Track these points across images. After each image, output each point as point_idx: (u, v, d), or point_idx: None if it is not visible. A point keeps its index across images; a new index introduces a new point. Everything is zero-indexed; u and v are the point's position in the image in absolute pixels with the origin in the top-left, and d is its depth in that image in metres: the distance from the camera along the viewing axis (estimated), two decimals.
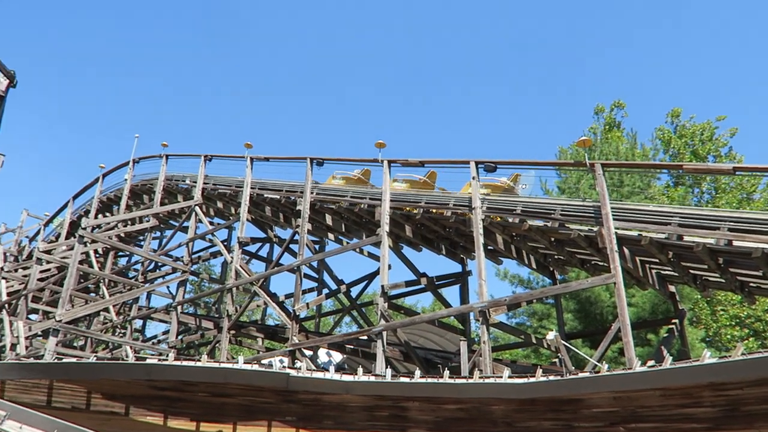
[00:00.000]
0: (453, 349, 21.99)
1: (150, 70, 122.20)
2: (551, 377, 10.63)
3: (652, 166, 26.19)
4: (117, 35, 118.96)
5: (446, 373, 11.84)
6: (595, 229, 14.25)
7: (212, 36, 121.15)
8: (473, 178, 16.19)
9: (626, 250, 14.31)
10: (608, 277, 13.38)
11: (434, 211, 17.75)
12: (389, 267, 17.51)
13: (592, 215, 14.19)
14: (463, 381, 11.32)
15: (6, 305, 27.03)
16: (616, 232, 13.44)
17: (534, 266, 18.78)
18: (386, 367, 14.85)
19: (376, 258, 21.10)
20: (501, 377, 11.19)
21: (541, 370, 11.41)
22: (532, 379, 10.45)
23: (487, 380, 11.37)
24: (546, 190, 29.25)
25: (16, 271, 31.52)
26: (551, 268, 19.30)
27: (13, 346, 24.04)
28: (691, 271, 15.53)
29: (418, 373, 12.04)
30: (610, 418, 10.39)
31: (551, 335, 12.72)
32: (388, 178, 18.16)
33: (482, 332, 14.60)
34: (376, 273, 20.03)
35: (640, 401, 9.84)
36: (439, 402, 11.62)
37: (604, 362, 11.96)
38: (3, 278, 29.32)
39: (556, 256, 18.25)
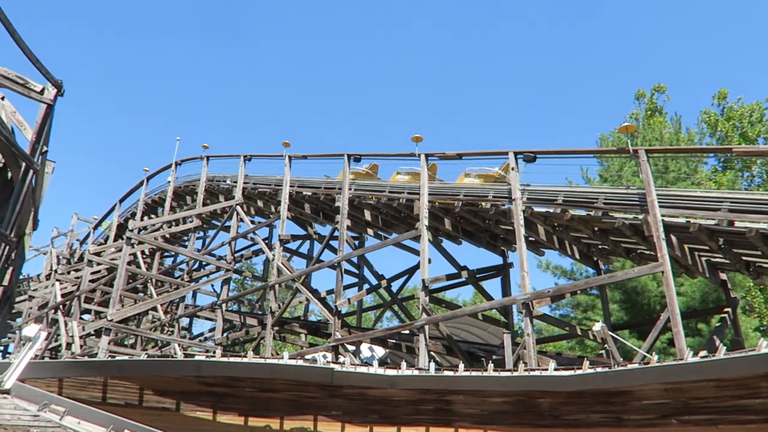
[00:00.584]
0: (496, 342, 21.80)
1: (187, 75, 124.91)
2: (599, 369, 10.43)
3: (699, 150, 25.26)
4: (152, 41, 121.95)
5: (490, 366, 11.75)
6: (640, 217, 13.88)
7: (241, 38, 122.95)
8: (512, 168, 15.97)
9: (674, 238, 13.89)
10: (655, 266, 13.01)
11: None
12: (429, 261, 17.47)
13: (637, 203, 13.82)
14: (508, 374, 11.22)
15: (61, 306, 28.08)
16: (662, 220, 13.05)
17: (577, 257, 18.43)
18: (429, 361, 14.84)
19: (416, 252, 21.07)
20: (547, 369, 11.05)
21: (587, 361, 11.21)
22: (579, 371, 10.27)
23: (532, 373, 11.23)
24: (587, 178, 28.65)
25: (68, 273, 32.73)
26: (595, 258, 18.91)
27: (69, 345, 25.00)
28: (744, 258, 14.96)
29: (462, 366, 11.98)
30: (662, 410, 10.14)
31: (598, 326, 12.48)
32: (426, 172, 18.07)
33: (526, 324, 14.42)
34: (417, 267, 20.02)
35: (693, 393, 9.56)
36: (485, 395, 11.55)
37: (653, 353, 11.66)
38: (57, 280, 30.48)
39: (600, 246, 17.86)
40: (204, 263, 27.05)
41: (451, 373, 11.65)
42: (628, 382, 9.96)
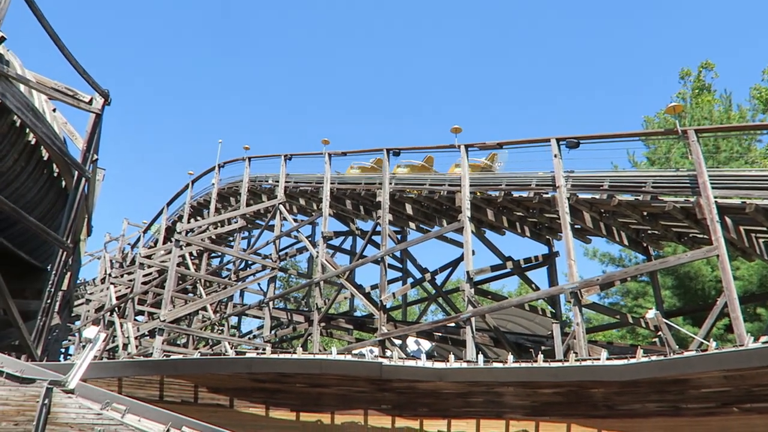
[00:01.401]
0: (544, 332, 21.49)
1: (224, 79, 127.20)
2: (654, 357, 10.15)
3: (751, 127, 24.22)
4: (189, 47, 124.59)
5: (540, 357, 11.59)
6: (692, 199, 13.41)
7: (272, 40, 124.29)
8: (555, 155, 15.66)
9: (728, 220, 13.38)
10: (710, 250, 12.56)
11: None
12: (473, 252, 17.32)
13: (688, 185, 13.35)
14: (559, 364, 11.03)
15: (116, 308, 29.09)
16: (715, 201, 12.58)
17: (626, 243, 17.96)
18: (477, 354, 14.75)
19: (459, 244, 20.93)
20: (599, 359, 10.82)
21: (641, 350, 10.93)
22: (633, 360, 10.03)
23: (584, 363, 11.02)
24: (634, 162, 27.82)
25: (122, 276, 33.86)
26: (645, 244, 18.39)
27: (125, 346, 25.91)
28: None
29: (510, 358, 11.86)
30: (722, 398, 9.81)
31: (651, 313, 12.14)
32: (466, 163, 17.91)
33: (575, 314, 14.15)
34: (460, 259, 19.88)
35: (756, 380, 9.20)
36: (535, 386, 11.40)
37: (711, 340, 11.27)
38: (111, 283, 31.58)
39: (649, 231, 17.36)
40: (250, 262, 27.55)
41: (500, 365, 11.54)
42: (685, 370, 9.66)
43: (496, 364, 11.72)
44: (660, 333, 15.15)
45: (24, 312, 14.33)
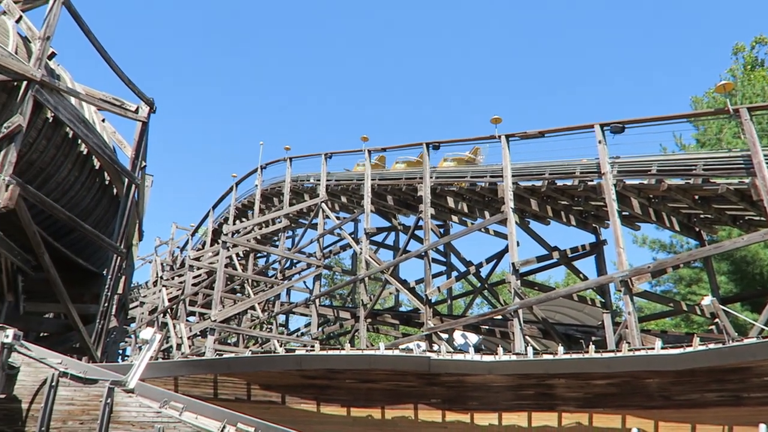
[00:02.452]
0: (593, 323, 21.06)
1: (261, 80, 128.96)
2: (712, 345, 9.81)
3: None
4: (227, 49, 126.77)
5: (592, 347, 11.36)
6: (746, 181, 12.89)
7: (311, 37, 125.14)
8: (599, 141, 15.29)
9: None
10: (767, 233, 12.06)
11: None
12: (518, 243, 17.10)
13: (742, 166, 12.82)
14: (611, 355, 10.79)
15: (169, 310, 29.98)
16: None
17: (677, 228, 17.39)
18: (526, 346, 14.57)
19: (503, 236, 20.70)
20: (653, 348, 10.54)
21: (698, 338, 10.58)
22: (689, 349, 9.73)
23: (637, 353, 10.74)
24: (682, 145, 26.88)
25: (173, 279, 34.86)
26: (697, 229, 17.76)
27: (179, 346, 26.68)
28: None
29: (561, 349, 11.66)
30: None
31: (707, 300, 11.74)
32: (507, 153, 17.67)
33: (626, 303, 13.82)
34: (505, 251, 19.68)
35: None
36: (587, 378, 11.18)
37: None
38: (163, 286, 32.55)
39: (702, 215, 16.77)
40: (295, 261, 27.95)
41: (550, 357, 11.37)
42: (746, 358, 9.31)
43: (546, 356, 11.55)
44: (717, 320, 14.65)
45: (83, 316, 14.93)
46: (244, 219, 33.26)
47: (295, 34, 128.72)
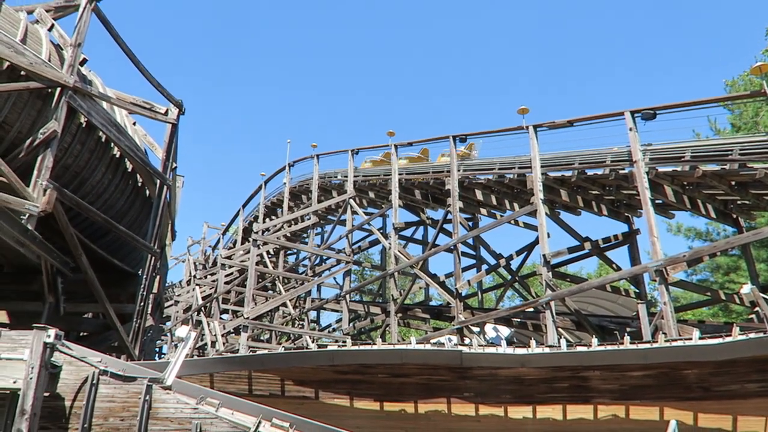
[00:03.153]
0: (627, 313, 20.74)
1: (288, 80, 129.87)
2: (752, 335, 9.56)
3: None
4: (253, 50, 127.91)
5: (627, 338, 11.18)
6: None
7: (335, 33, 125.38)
8: (630, 129, 14.99)
9: None
10: None
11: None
12: (548, 235, 16.90)
13: None
14: (648, 346, 10.59)
15: (202, 308, 30.50)
16: None
17: (713, 215, 16.97)
18: (559, 338, 14.41)
19: (533, 227, 20.48)
20: (690, 339, 10.31)
21: (737, 328, 10.32)
22: (729, 339, 9.49)
23: (674, 343, 10.52)
24: (716, 130, 26.18)
25: (205, 277, 35.44)
26: (734, 215, 17.30)
27: (213, 344, 27.14)
28: None
29: (595, 341, 11.50)
30: None
31: (747, 288, 11.44)
32: (536, 144, 17.46)
33: (661, 293, 13.55)
34: (535, 243, 19.47)
35: None
36: (623, 369, 11.00)
37: None
38: (197, 285, 33.11)
39: (739, 201, 16.32)
40: (325, 257, 28.14)
41: (584, 349, 11.22)
42: None
43: (580, 348, 11.41)
44: (757, 309, 14.26)
45: (121, 315, 15.29)
46: (273, 217, 33.61)
47: (321, 33, 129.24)
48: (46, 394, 7.16)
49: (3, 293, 15.04)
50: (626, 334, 13.37)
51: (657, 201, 15.57)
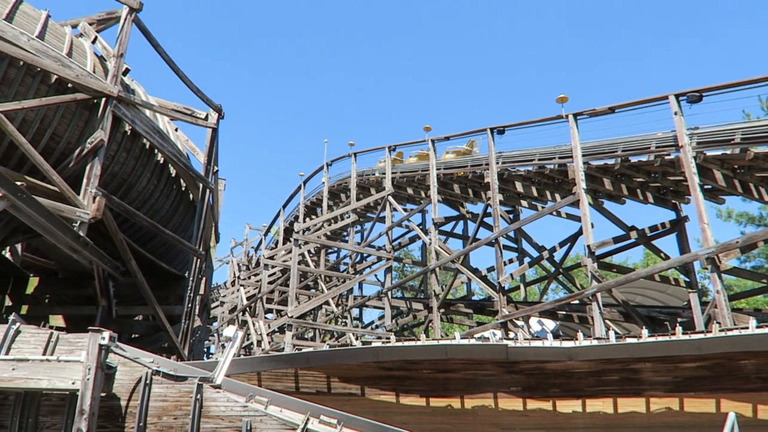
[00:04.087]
0: (677, 303, 20.15)
1: (321, 79, 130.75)
2: None
3: None
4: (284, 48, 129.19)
5: (679, 329, 10.84)
6: None
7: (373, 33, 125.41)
8: (675, 113, 14.52)
9: None
10: None
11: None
12: (592, 225, 16.55)
13: None
14: (702, 336, 10.24)
15: (247, 308, 31.06)
16: None
17: (766, 199, 16.30)
18: (607, 330, 14.10)
19: (576, 218, 20.12)
20: (747, 328, 9.93)
21: None
22: None
23: (730, 333, 10.15)
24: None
25: (249, 278, 36.07)
26: None
27: (259, 343, 27.60)
28: None
29: (645, 332, 11.19)
30: None
31: None
32: (576, 133, 17.10)
33: (713, 281, 13.11)
34: (579, 234, 19.12)
35: None
36: (676, 361, 10.69)
37: None
38: (241, 285, 33.74)
39: None
40: (365, 255, 28.25)
41: (634, 340, 10.92)
42: None
43: (629, 340, 11.11)
44: None
45: (169, 317, 15.68)
46: (313, 216, 33.93)
47: (359, 33, 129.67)
48: (103, 394, 7.39)
49: (59, 298, 15.65)
50: (678, 324, 12.99)
51: (706, 186, 15.06)
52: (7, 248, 15.71)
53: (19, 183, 10.11)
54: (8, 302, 14.83)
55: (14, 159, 12.33)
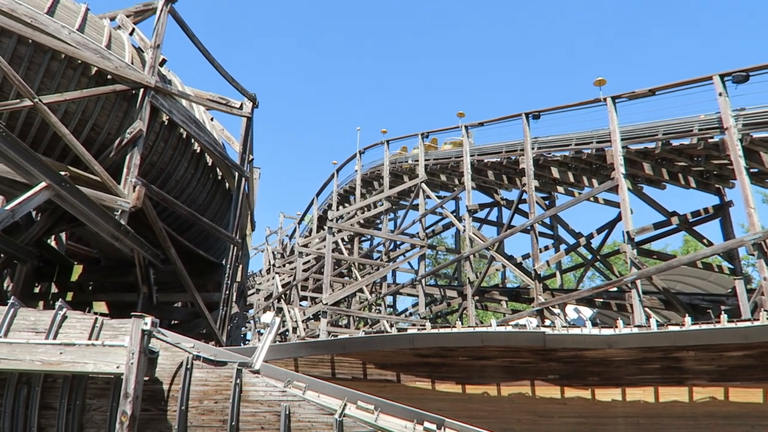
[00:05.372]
0: (720, 291, 19.58)
1: (354, 68, 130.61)
2: None
3: None
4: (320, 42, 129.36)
5: (724, 317, 10.54)
6: None
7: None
8: (720, 94, 14.02)
9: None
10: None
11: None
12: (631, 211, 16.16)
13: None
14: (748, 324, 9.95)
15: (283, 296, 31.45)
16: None
17: None
18: (648, 318, 13.81)
19: (614, 204, 19.71)
20: None
21: None
22: None
23: None
24: None
25: (284, 266, 36.49)
26: None
27: (294, 329, 27.93)
28: None
29: (688, 320, 10.92)
30: None
31: None
32: (615, 116, 16.68)
33: (760, 268, 12.69)
34: (617, 220, 18.73)
35: None
36: (720, 350, 10.41)
37: None
38: (276, 273, 34.16)
39: None
40: (399, 242, 28.22)
41: (676, 328, 10.68)
42: None
43: (672, 328, 10.87)
44: None
45: (208, 303, 15.98)
46: (346, 204, 34.04)
47: (388, 19, 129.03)
48: (146, 378, 7.56)
49: (102, 286, 16.10)
50: (722, 312, 12.63)
51: (752, 170, 14.55)
52: (53, 237, 16.21)
53: (62, 173, 10.38)
54: (54, 289, 15.33)
55: (57, 150, 12.67)
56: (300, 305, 30.26)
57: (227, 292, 16.28)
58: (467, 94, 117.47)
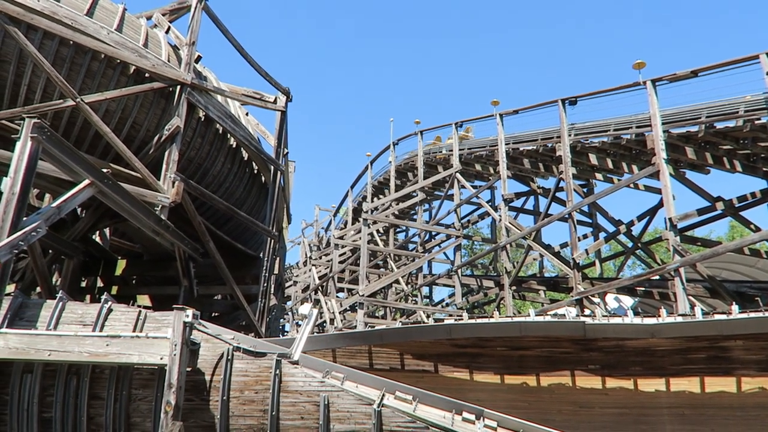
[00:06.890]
0: None
1: (391, 55, 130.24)
2: None
3: None
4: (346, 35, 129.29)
5: None
6: None
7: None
8: (767, 73, 13.45)
9: None
10: None
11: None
12: (674, 197, 15.70)
13: None
14: None
15: (319, 287, 31.75)
16: None
17: None
18: (691, 306, 13.43)
19: (655, 190, 19.21)
20: None
21: None
22: None
23: None
24: None
25: (320, 258, 36.80)
26: None
27: (331, 321, 28.20)
28: None
29: (736, 308, 10.57)
30: None
31: None
32: (655, 100, 16.20)
33: None
34: (659, 206, 18.23)
35: None
36: None
37: None
38: (313, 265, 34.49)
39: None
40: (434, 233, 28.13)
41: (723, 317, 10.35)
42: None
43: (718, 316, 10.54)
44: None
45: (247, 296, 16.24)
46: (381, 196, 34.07)
47: (419, 10, 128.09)
48: (189, 369, 7.74)
49: (145, 279, 16.52)
50: None
51: None
52: (97, 233, 16.70)
53: (105, 170, 10.66)
54: (100, 283, 15.81)
55: (99, 148, 13.02)
56: (337, 297, 30.52)
57: (265, 284, 16.51)
58: (501, 82, 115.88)
